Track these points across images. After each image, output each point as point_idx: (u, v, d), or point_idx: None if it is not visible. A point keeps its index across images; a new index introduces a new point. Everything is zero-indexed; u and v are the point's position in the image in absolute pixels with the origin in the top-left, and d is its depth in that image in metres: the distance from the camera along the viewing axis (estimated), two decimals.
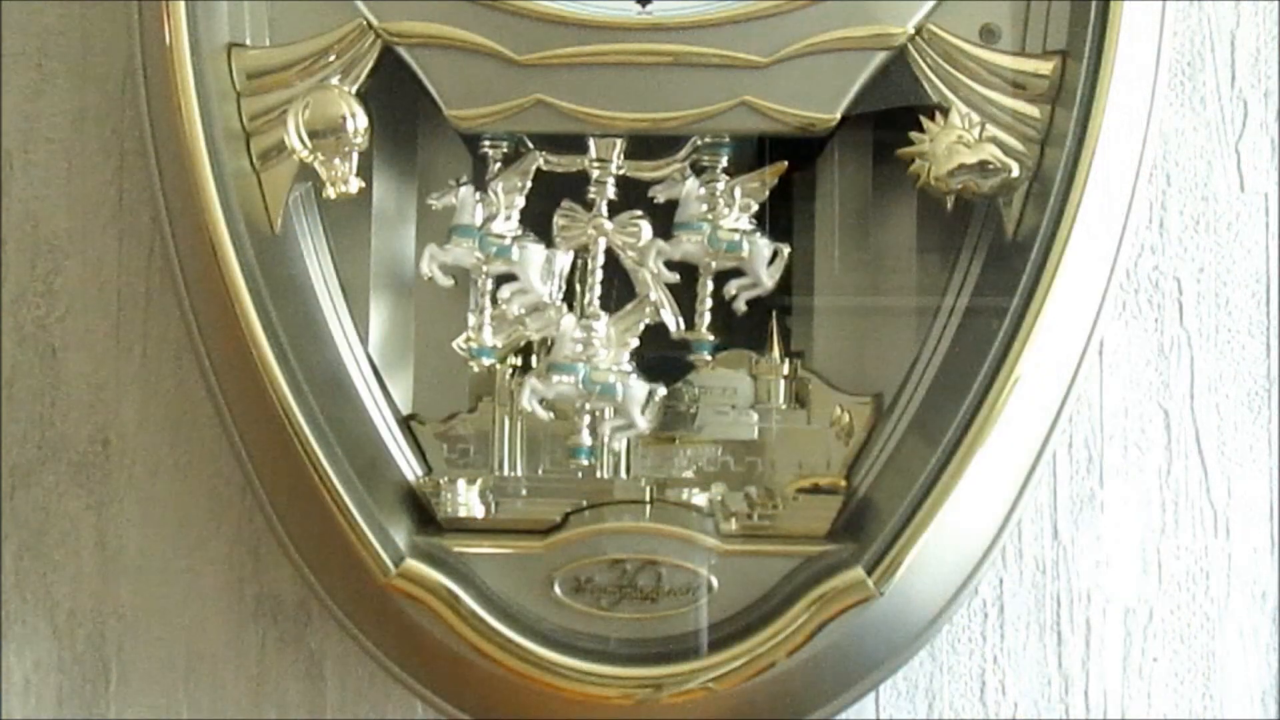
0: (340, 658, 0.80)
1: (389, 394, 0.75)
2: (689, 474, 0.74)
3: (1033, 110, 0.71)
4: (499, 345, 0.74)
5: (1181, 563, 0.79)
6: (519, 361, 0.75)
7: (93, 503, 0.81)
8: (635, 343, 0.73)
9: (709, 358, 0.73)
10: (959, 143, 0.70)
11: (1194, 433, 0.79)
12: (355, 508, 0.70)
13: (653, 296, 0.73)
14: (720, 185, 0.73)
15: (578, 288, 0.74)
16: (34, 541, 0.81)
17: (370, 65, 0.72)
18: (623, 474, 0.74)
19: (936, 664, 0.79)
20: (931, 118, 0.71)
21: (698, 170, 0.73)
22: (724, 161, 0.72)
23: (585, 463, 0.73)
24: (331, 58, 0.72)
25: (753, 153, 0.73)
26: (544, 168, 0.73)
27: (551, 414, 0.73)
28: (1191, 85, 0.80)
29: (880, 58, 0.70)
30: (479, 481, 0.73)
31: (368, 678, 0.80)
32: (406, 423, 0.75)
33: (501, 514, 0.73)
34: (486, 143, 0.73)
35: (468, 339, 0.74)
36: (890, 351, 0.75)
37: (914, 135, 0.71)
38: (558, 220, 0.73)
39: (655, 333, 0.73)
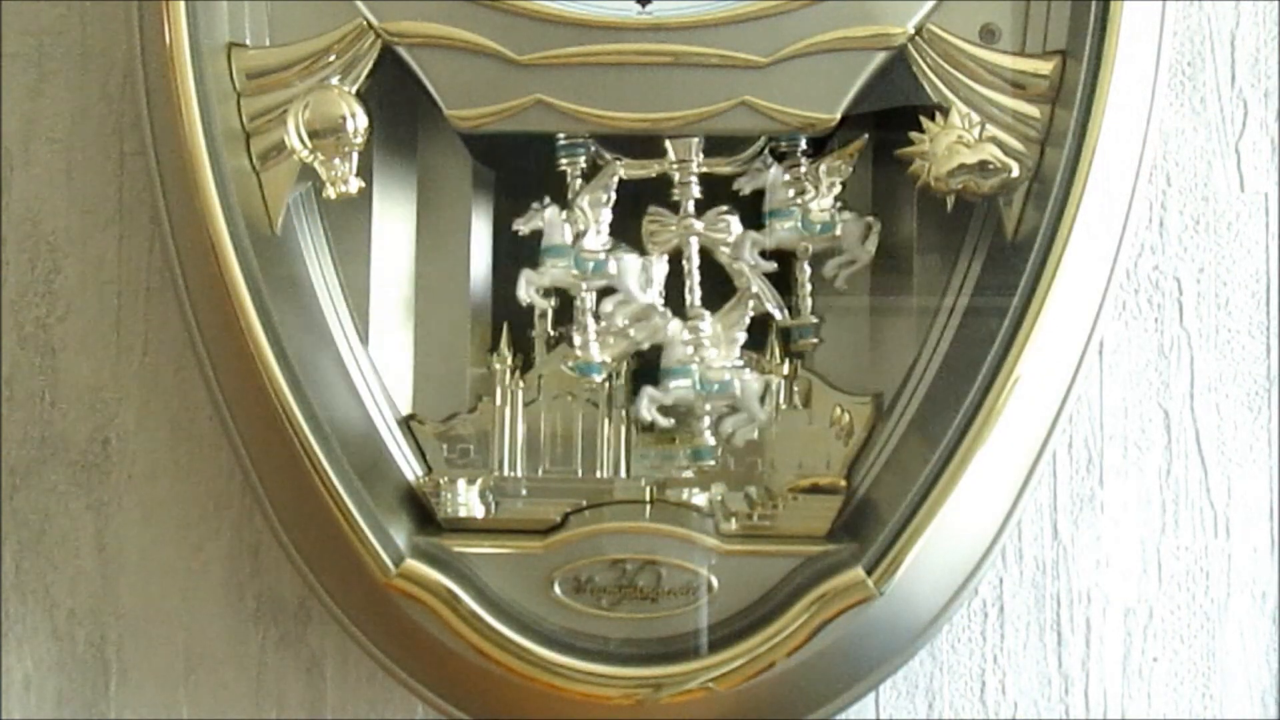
0: (340, 658, 0.80)
1: (389, 394, 0.75)
2: (689, 474, 0.74)
3: (1033, 110, 0.71)
4: (608, 360, 0.73)
5: (1181, 563, 0.79)
6: (517, 362, 0.75)
7: (93, 503, 0.81)
8: (743, 337, 0.73)
9: (815, 341, 0.74)
10: (959, 143, 0.70)
11: (1194, 433, 0.79)
12: (355, 508, 0.70)
13: (753, 288, 0.73)
14: (803, 168, 0.73)
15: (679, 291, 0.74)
16: (34, 541, 0.81)
17: (370, 65, 0.72)
18: (623, 474, 0.74)
19: (936, 664, 0.79)
20: (931, 118, 0.71)
21: (777, 157, 0.73)
22: (803, 144, 0.73)
23: (710, 463, 0.73)
24: (331, 58, 0.72)
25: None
26: (624, 176, 0.73)
27: (672, 420, 0.73)
28: (1191, 85, 0.80)
29: (880, 58, 0.71)
30: (479, 481, 0.73)
31: (368, 678, 0.80)
32: (406, 423, 0.75)
33: (501, 514, 0.73)
34: (563, 160, 0.73)
35: (574, 359, 0.73)
36: (890, 351, 0.75)
37: (914, 135, 0.71)
38: (647, 226, 0.73)
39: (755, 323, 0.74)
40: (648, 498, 0.74)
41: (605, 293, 0.73)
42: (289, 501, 0.73)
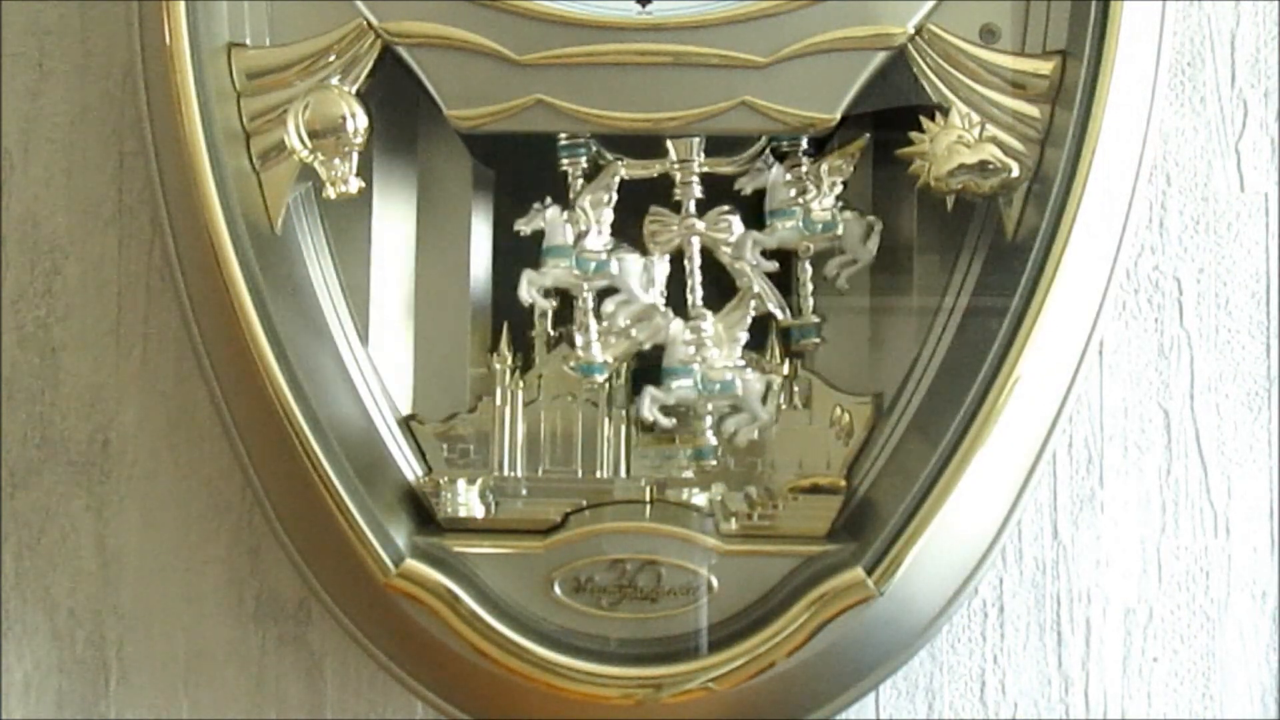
0: (340, 658, 0.80)
1: (389, 394, 0.75)
2: (689, 474, 0.74)
3: (1033, 110, 0.71)
4: (609, 360, 0.73)
5: (1181, 563, 0.79)
6: (517, 362, 0.75)
7: (93, 503, 0.81)
8: (745, 337, 0.73)
9: (817, 340, 0.74)
10: (959, 143, 0.70)
11: (1194, 433, 0.79)
12: (355, 508, 0.70)
13: (755, 288, 0.73)
14: (804, 168, 0.73)
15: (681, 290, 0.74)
16: (34, 541, 0.81)
17: (370, 65, 0.72)
18: (623, 474, 0.74)
19: (936, 664, 0.79)
20: (931, 118, 0.71)
21: (779, 157, 0.73)
22: (804, 144, 0.73)
23: (712, 463, 0.73)
24: (331, 58, 0.72)
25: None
26: (625, 176, 0.73)
27: (674, 420, 0.73)
28: (1191, 85, 0.80)
29: (880, 58, 0.70)
30: (479, 481, 0.73)
31: (368, 678, 0.80)
32: (406, 423, 0.75)
33: (501, 514, 0.73)
34: (565, 160, 0.73)
35: (576, 359, 0.73)
36: (890, 351, 0.75)
37: (914, 135, 0.71)
38: (648, 226, 0.73)
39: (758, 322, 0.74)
40: (648, 498, 0.74)
41: (607, 293, 0.73)
42: (289, 501, 0.72)
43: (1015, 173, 0.70)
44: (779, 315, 0.73)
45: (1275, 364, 0.80)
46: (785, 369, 0.75)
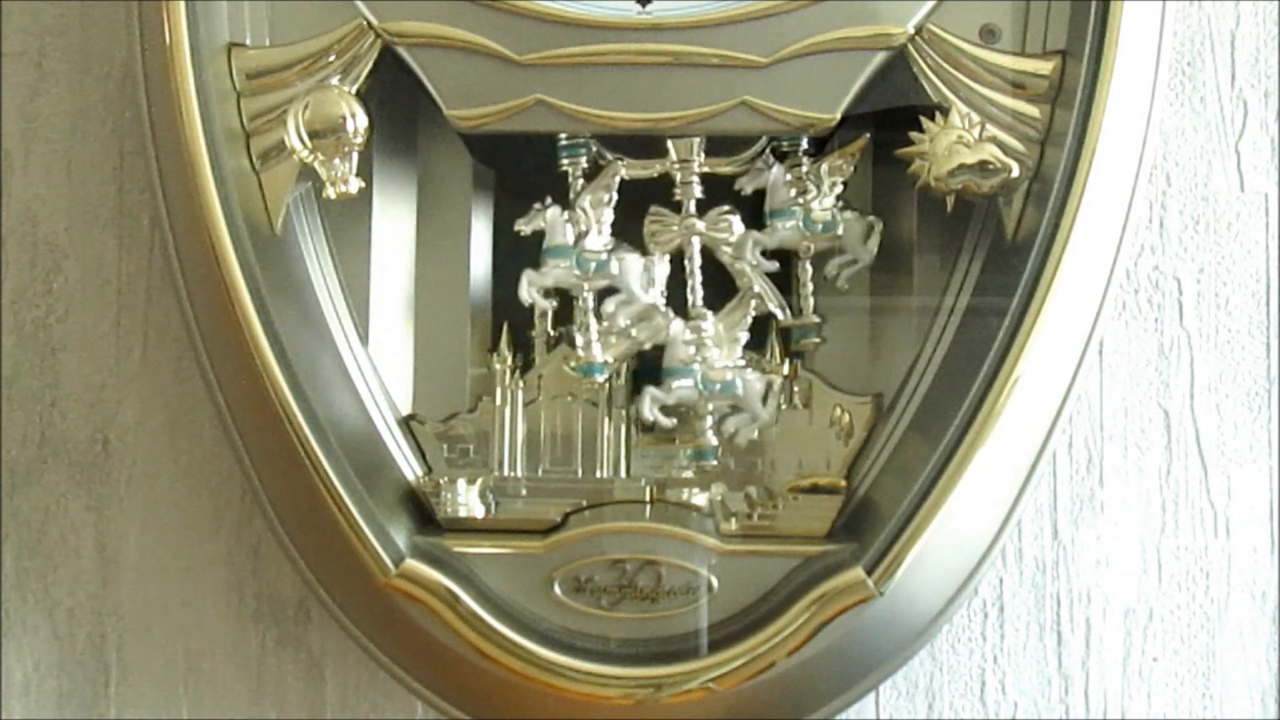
0: (340, 658, 0.80)
1: (389, 394, 0.75)
2: (689, 474, 0.74)
3: (1033, 110, 0.71)
4: (610, 360, 0.73)
5: (1181, 563, 0.79)
6: (517, 362, 0.75)
7: (93, 503, 0.81)
8: (745, 337, 0.73)
9: (817, 340, 0.74)
10: (959, 143, 0.70)
11: (1194, 433, 0.79)
12: (355, 508, 0.70)
13: (755, 288, 0.73)
14: (804, 168, 0.73)
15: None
16: (34, 541, 0.81)
17: (370, 65, 0.72)
18: (623, 474, 0.74)
19: (936, 664, 0.79)
20: (931, 118, 0.71)
21: (779, 156, 0.73)
22: (804, 144, 0.73)
23: (713, 463, 0.73)
24: (331, 58, 0.72)
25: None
26: (625, 176, 0.73)
27: (674, 420, 0.73)
28: (1191, 85, 0.80)
29: (880, 58, 0.71)
30: (479, 481, 0.73)
31: (368, 678, 0.80)
32: (406, 423, 0.75)
33: (501, 514, 0.73)
34: (565, 160, 0.73)
35: (576, 359, 0.73)
36: (890, 351, 0.75)
37: (914, 135, 0.71)
38: (649, 226, 0.73)
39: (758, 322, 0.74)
40: (648, 498, 0.74)
41: (607, 293, 0.73)
42: (289, 501, 0.72)
43: (1015, 173, 0.70)
44: (779, 315, 0.73)
45: (1275, 364, 0.80)
46: (785, 369, 0.75)
